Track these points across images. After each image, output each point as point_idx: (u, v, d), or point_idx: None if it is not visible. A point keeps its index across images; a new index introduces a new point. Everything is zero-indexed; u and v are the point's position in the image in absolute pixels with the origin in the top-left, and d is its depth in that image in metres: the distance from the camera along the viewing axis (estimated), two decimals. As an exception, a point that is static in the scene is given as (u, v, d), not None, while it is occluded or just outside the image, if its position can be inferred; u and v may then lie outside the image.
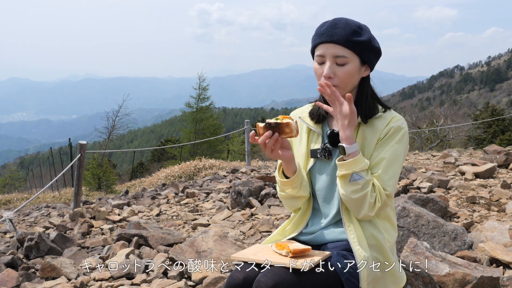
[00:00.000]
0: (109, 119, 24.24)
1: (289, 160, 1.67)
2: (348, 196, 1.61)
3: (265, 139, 1.57)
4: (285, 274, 1.46)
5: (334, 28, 1.61)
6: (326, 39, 1.62)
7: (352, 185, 1.58)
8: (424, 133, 24.13)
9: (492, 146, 7.42)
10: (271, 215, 4.39)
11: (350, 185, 1.59)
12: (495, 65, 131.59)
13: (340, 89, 1.65)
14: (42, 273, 2.96)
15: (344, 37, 1.60)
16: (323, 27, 1.65)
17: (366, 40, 1.62)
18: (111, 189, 14.46)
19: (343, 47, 1.60)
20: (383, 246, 1.65)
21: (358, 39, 1.61)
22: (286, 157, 1.65)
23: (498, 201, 4.20)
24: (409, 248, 2.50)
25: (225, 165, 11.08)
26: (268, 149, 1.59)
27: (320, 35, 1.64)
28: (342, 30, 1.60)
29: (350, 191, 1.59)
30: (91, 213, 4.78)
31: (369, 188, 1.59)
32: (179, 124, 34.58)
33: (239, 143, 26.96)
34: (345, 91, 1.67)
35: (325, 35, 1.62)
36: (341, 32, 1.60)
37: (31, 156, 79.08)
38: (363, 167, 1.58)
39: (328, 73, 1.62)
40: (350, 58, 1.62)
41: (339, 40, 1.60)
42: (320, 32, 1.65)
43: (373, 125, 1.69)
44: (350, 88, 1.67)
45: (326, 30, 1.63)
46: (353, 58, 1.62)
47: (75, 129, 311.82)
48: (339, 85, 1.64)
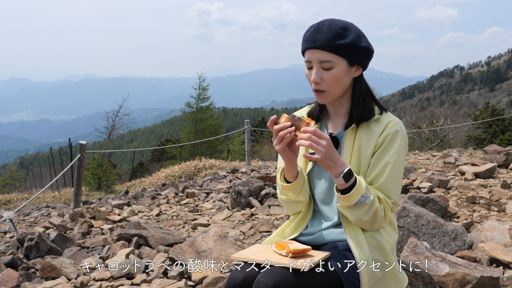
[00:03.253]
0: (109, 119, 24.23)
1: (291, 163, 1.64)
2: (360, 219, 1.59)
3: (281, 128, 1.56)
4: (285, 274, 1.46)
5: (317, 33, 1.59)
6: (310, 45, 1.61)
7: (360, 207, 1.55)
8: (424, 133, 24.13)
9: (492, 146, 7.42)
10: (271, 215, 4.39)
11: (357, 208, 1.56)
12: (495, 65, 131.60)
13: (329, 94, 1.65)
14: (42, 273, 2.96)
15: (326, 42, 1.57)
16: (308, 32, 1.63)
17: (350, 42, 1.59)
18: (111, 189, 14.46)
19: (327, 51, 1.58)
20: (384, 246, 1.65)
21: (341, 42, 1.58)
22: (289, 158, 1.63)
23: (498, 201, 4.20)
24: (409, 248, 2.50)
25: (225, 165, 11.08)
26: (278, 138, 1.56)
27: (305, 41, 1.63)
28: (324, 34, 1.58)
29: (361, 215, 1.57)
30: (91, 213, 4.78)
31: (377, 203, 1.57)
32: (179, 124, 34.58)
33: (239, 143, 26.97)
34: (335, 95, 1.66)
35: (309, 41, 1.61)
36: (323, 37, 1.58)
37: (31, 156, 79.10)
38: (364, 188, 1.55)
39: (315, 79, 1.62)
40: (336, 62, 1.59)
41: (322, 45, 1.58)
42: (305, 37, 1.63)
43: (369, 129, 1.67)
44: (340, 91, 1.66)
45: (310, 36, 1.61)
46: (339, 62, 1.60)
47: (75, 129, 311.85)
48: (327, 90, 1.63)
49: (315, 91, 1.66)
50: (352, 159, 1.67)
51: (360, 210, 1.56)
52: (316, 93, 1.67)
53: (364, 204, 1.54)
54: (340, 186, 1.55)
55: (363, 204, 1.54)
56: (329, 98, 1.67)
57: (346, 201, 1.55)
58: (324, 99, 1.67)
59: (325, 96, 1.66)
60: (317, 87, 1.64)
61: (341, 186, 1.55)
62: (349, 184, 1.54)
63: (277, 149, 1.60)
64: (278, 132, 1.56)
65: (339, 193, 1.57)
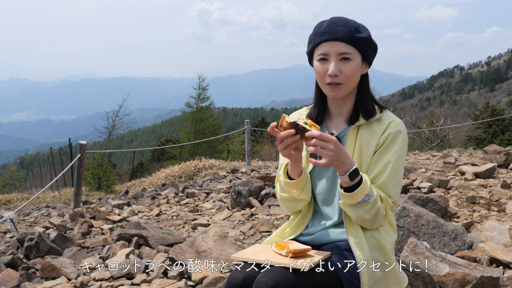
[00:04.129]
0: (109, 119, 24.22)
1: (296, 162, 1.63)
2: (361, 218, 1.59)
3: (286, 135, 1.51)
4: (285, 274, 1.46)
5: (335, 26, 1.61)
6: (328, 37, 1.61)
7: (363, 206, 1.56)
8: (424, 133, 24.12)
9: (492, 146, 7.42)
10: (271, 215, 4.39)
11: (360, 207, 1.56)
12: (495, 65, 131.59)
13: (346, 86, 1.64)
14: (42, 273, 2.96)
15: (347, 34, 1.60)
16: (323, 26, 1.64)
17: (367, 37, 1.64)
18: (111, 189, 14.45)
19: (347, 44, 1.60)
20: (384, 246, 1.65)
21: (360, 36, 1.61)
22: (296, 159, 1.61)
23: (498, 201, 4.20)
24: (409, 248, 2.50)
25: (225, 165, 11.08)
26: (283, 145, 1.54)
27: (321, 34, 1.63)
28: (344, 27, 1.60)
29: (363, 213, 1.57)
30: (91, 213, 4.78)
31: (379, 202, 1.58)
32: (179, 124, 34.59)
33: (239, 143, 26.96)
34: (349, 89, 1.66)
35: (327, 33, 1.61)
36: (343, 30, 1.60)
37: (31, 156, 79.09)
38: (369, 187, 1.55)
39: (334, 71, 1.61)
40: (354, 55, 1.62)
41: (343, 37, 1.60)
42: (321, 31, 1.63)
43: (371, 128, 1.68)
44: (353, 86, 1.67)
45: (327, 28, 1.62)
46: (356, 55, 1.62)
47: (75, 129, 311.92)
48: (344, 83, 1.63)
49: (329, 84, 1.64)
50: (354, 157, 1.67)
51: (363, 209, 1.56)
52: (330, 86, 1.64)
53: (368, 202, 1.55)
54: (345, 184, 1.55)
55: (366, 202, 1.55)
56: (344, 91, 1.65)
57: (350, 199, 1.55)
58: (339, 92, 1.65)
59: (341, 89, 1.64)
60: (334, 80, 1.62)
61: (346, 184, 1.54)
62: (354, 182, 1.53)
63: (282, 153, 1.57)
64: (283, 140, 1.53)
65: (342, 190, 1.56)
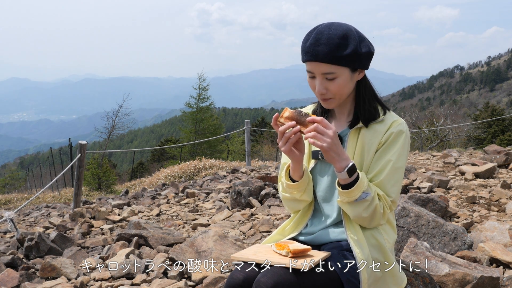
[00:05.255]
0: (109, 119, 24.20)
1: (297, 162, 1.64)
2: (359, 216, 1.59)
3: (286, 128, 1.54)
4: (285, 274, 1.46)
5: (316, 46, 1.55)
6: (310, 58, 1.58)
7: (360, 204, 1.56)
8: (424, 133, 24.13)
9: (492, 146, 7.43)
10: (271, 215, 4.39)
11: (357, 204, 1.56)
12: (495, 65, 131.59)
13: (336, 100, 1.65)
14: (42, 273, 2.96)
15: (327, 55, 1.54)
16: (307, 42, 1.59)
17: (351, 52, 1.55)
18: (111, 189, 14.46)
19: (329, 64, 1.56)
20: (384, 246, 1.65)
21: (343, 54, 1.55)
22: (296, 157, 1.62)
23: (498, 201, 4.20)
24: (409, 248, 2.50)
25: (225, 165, 11.09)
26: (284, 139, 1.55)
27: (305, 52, 1.60)
28: (325, 47, 1.54)
29: (360, 211, 1.57)
30: (91, 213, 4.78)
31: (377, 200, 1.58)
32: (179, 124, 34.58)
33: (239, 143, 26.97)
34: (341, 100, 1.67)
35: (309, 53, 1.58)
36: (324, 50, 1.54)
37: (31, 156, 79.07)
38: (366, 185, 1.55)
39: (319, 89, 1.61)
40: (339, 72, 1.58)
41: (323, 58, 1.55)
42: (305, 49, 1.60)
43: (373, 129, 1.67)
44: (345, 96, 1.66)
45: (309, 48, 1.57)
46: (342, 71, 1.58)
47: (75, 129, 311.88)
48: (334, 97, 1.64)
49: (321, 99, 1.67)
50: (355, 157, 1.67)
51: (360, 206, 1.56)
52: (322, 101, 1.67)
53: (365, 200, 1.55)
54: (343, 181, 1.55)
55: (363, 200, 1.55)
56: (335, 103, 1.67)
57: (347, 196, 1.55)
58: (330, 105, 1.67)
59: (332, 102, 1.66)
60: (323, 96, 1.64)
61: (344, 181, 1.55)
62: (352, 179, 1.54)
63: (282, 150, 1.58)
64: (283, 133, 1.55)
65: (340, 187, 1.57)
